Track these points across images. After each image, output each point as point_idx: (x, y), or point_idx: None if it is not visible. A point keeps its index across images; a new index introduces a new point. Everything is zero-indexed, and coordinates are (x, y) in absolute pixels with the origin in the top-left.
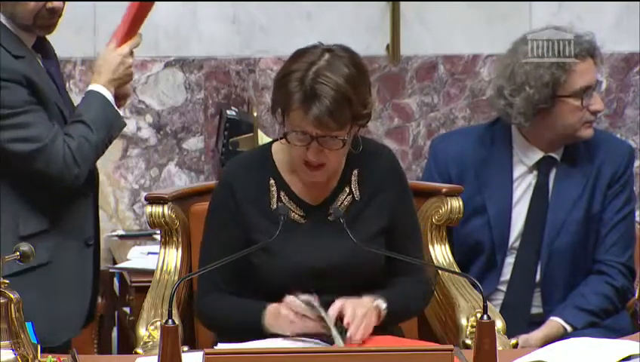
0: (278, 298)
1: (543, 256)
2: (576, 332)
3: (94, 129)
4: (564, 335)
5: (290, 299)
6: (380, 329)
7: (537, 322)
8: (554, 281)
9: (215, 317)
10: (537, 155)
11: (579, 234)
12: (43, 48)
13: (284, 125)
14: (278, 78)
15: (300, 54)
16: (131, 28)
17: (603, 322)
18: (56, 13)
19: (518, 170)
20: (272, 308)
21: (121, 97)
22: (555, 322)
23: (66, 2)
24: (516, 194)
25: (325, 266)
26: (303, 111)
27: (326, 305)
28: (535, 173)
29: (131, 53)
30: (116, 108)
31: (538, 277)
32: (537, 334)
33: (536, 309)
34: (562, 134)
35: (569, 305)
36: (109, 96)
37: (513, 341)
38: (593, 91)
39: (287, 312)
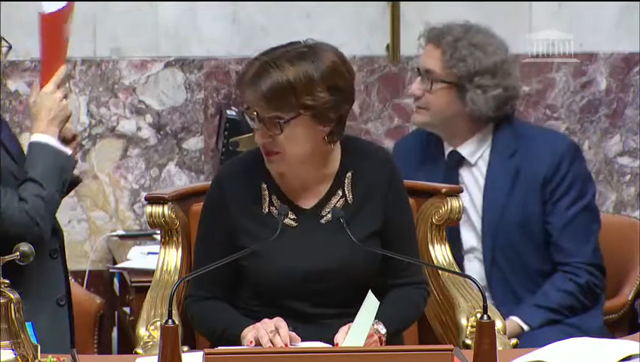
0: (270, 301)
1: (486, 259)
2: (537, 330)
3: (44, 184)
4: (520, 334)
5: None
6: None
7: None
8: (502, 283)
9: (200, 324)
10: (448, 148)
11: (519, 234)
12: None
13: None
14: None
15: (286, 44)
16: (48, 61)
17: (567, 320)
18: None
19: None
20: (246, 332)
21: (68, 140)
22: (512, 321)
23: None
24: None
25: (318, 269)
26: (246, 86)
27: (319, 308)
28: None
29: (59, 87)
30: (63, 148)
31: (481, 277)
32: None
33: None
34: None
35: (529, 304)
36: (52, 141)
37: (513, 341)
38: (419, 76)
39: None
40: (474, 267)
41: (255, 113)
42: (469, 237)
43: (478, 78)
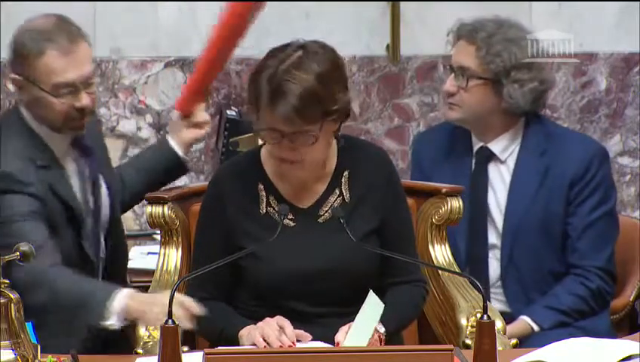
0: (269, 301)
1: (503, 254)
2: (545, 332)
3: (59, 298)
4: (530, 334)
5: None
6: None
7: (507, 321)
8: (516, 280)
9: (199, 325)
10: (478, 144)
11: (539, 232)
12: (83, 145)
13: (257, 123)
14: (251, 75)
15: (274, 51)
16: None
17: (576, 323)
18: (86, 112)
19: (473, 162)
20: (245, 331)
21: (199, 124)
22: (523, 321)
23: (94, 94)
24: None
25: (316, 269)
26: (269, 109)
27: (318, 307)
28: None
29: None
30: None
31: (496, 273)
32: None
33: (502, 307)
34: None
35: (540, 304)
36: (116, 308)
37: (513, 341)
38: (452, 73)
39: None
40: (491, 264)
41: (279, 132)
42: (489, 234)
43: (514, 72)
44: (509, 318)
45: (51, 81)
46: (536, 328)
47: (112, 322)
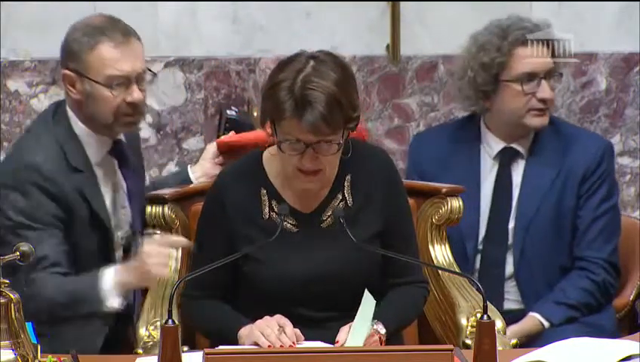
0: (273, 307)
1: (516, 251)
2: (555, 328)
3: (66, 299)
4: (541, 331)
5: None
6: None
7: (520, 318)
8: (529, 277)
9: (198, 322)
10: (499, 146)
11: (551, 228)
12: (122, 155)
13: (276, 135)
14: (267, 89)
15: (285, 64)
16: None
17: (584, 318)
18: (137, 107)
19: (484, 162)
20: (245, 330)
21: None
22: (533, 317)
23: (145, 91)
24: (485, 186)
25: (319, 274)
26: (296, 120)
27: (322, 312)
28: (497, 164)
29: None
30: (108, 299)
31: (509, 270)
32: (513, 328)
33: (516, 305)
34: (512, 122)
35: (548, 300)
36: (109, 284)
37: (513, 341)
38: (542, 79)
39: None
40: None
41: (303, 142)
42: None
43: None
44: (522, 315)
45: (105, 72)
46: (546, 324)
47: (113, 301)
